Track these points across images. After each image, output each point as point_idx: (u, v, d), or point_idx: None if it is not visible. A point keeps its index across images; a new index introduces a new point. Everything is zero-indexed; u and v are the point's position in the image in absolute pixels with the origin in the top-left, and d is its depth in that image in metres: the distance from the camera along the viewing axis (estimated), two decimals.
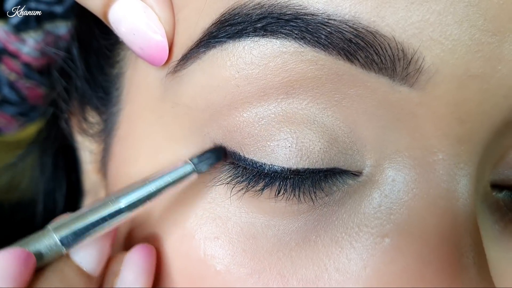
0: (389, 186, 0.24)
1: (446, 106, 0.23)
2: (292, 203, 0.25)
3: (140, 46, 0.26)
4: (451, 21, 0.22)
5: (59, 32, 0.41)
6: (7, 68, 0.41)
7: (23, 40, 0.39)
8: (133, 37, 0.26)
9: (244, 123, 0.25)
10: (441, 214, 0.23)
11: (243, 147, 0.25)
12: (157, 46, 0.26)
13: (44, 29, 0.39)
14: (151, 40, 0.26)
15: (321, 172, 0.25)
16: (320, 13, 0.22)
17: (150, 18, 0.26)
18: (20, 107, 0.45)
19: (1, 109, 0.44)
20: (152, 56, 0.26)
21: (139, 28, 0.26)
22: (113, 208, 0.24)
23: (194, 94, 0.26)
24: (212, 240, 0.26)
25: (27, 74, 0.42)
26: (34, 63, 0.41)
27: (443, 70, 0.22)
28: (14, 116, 0.46)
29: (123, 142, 0.31)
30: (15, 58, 0.41)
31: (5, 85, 0.42)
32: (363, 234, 0.24)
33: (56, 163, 0.42)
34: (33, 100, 0.45)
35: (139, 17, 0.26)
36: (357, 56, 0.22)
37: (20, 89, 0.43)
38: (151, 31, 0.26)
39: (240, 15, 0.23)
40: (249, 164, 0.25)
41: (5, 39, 0.39)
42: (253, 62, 0.24)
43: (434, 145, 0.24)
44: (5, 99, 0.43)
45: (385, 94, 0.23)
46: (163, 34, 0.26)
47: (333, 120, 0.24)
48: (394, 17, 0.22)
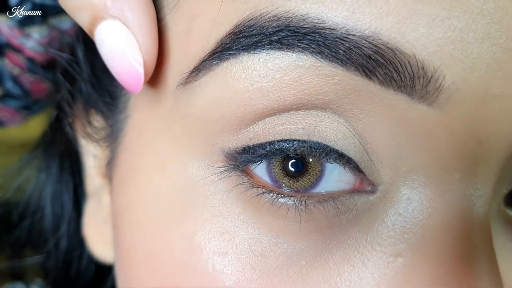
0: (403, 205, 0.24)
1: (464, 125, 0.23)
2: (303, 220, 0.24)
3: (117, 71, 0.26)
4: (472, 38, 0.21)
5: (63, 26, 0.40)
6: (10, 63, 0.41)
7: (27, 35, 0.38)
8: (112, 60, 0.26)
9: (255, 130, 0.25)
10: (456, 235, 0.23)
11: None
12: (133, 74, 0.25)
13: (49, 24, 0.39)
14: (127, 67, 0.25)
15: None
16: (338, 27, 0.22)
17: (130, 45, 0.25)
18: (23, 101, 0.44)
19: (4, 103, 0.44)
20: (127, 83, 0.26)
21: (117, 54, 0.25)
22: None
23: (206, 106, 0.25)
24: (220, 256, 0.25)
25: (31, 68, 0.41)
26: (38, 58, 0.40)
27: (463, 89, 0.22)
28: (18, 109, 0.45)
29: (130, 149, 0.30)
30: (19, 53, 0.40)
31: (9, 79, 0.42)
32: (376, 253, 0.24)
33: (61, 165, 0.42)
34: (37, 94, 0.44)
35: (119, 42, 0.25)
36: (376, 73, 0.22)
37: (24, 83, 0.42)
38: (128, 58, 0.25)
39: (255, 27, 0.23)
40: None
41: (9, 34, 0.38)
42: (268, 75, 0.23)
43: (450, 165, 0.23)
44: (8, 93, 0.43)
45: (403, 111, 0.23)
46: (141, 63, 0.25)
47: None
48: (415, 34, 0.21)
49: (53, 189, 0.43)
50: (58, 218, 0.43)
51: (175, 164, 0.27)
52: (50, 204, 0.43)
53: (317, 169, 0.25)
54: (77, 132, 0.37)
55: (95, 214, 0.36)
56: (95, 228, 0.36)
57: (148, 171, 0.28)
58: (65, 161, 0.42)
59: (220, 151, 0.26)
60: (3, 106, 0.44)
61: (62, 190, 0.43)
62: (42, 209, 0.43)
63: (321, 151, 0.24)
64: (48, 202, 0.42)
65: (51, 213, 0.43)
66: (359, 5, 0.22)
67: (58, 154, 0.42)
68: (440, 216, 0.23)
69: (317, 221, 0.24)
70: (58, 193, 0.43)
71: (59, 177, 0.42)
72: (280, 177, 0.25)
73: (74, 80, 0.36)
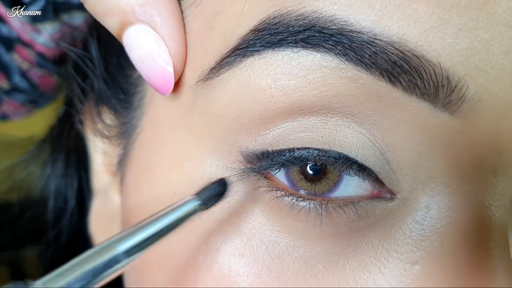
0: (422, 212, 0.24)
1: (485, 135, 0.23)
2: (323, 224, 0.25)
3: (147, 74, 0.26)
4: (497, 50, 0.22)
5: (75, 22, 0.40)
6: (19, 57, 0.40)
7: (39, 30, 0.38)
8: (142, 64, 0.26)
9: (275, 134, 0.24)
10: (474, 245, 0.23)
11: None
12: (164, 77, 0.26)
13: (61, 20, 0.38)
14: (158, 71, 0.26)
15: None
16: (366, 31, 0.22)
17: (160, 50, 0.25)
18: (30, 95, 0.44)
19: (11, 97, 0.43)
20: (158, 85, 0.26)
21: (148, 58, 0.26)
22: (109, 256, 0.21)
23: (226, 102, 0.25)
24: (237, 257, 0.25)
25: (40, 63, 0.41)
26: (48, 53, 0.40)
27: (486, 100, 0.22)
28: (23, 103, 0.45)
29: (146, 147, 0.30)
30: (29, 48, 0.40)
31: (17, 74, 0.41)
32: (393, 259, 0.24)
33: (67, 160, 0.41)
34: (44, 88, 0.44)
35: (150, 46, 0.25)
36: (400, 79, 0.22)
37: (32, 78, 0.42)
38: (159, 62, 0.26)
39: (280, 24, 0.23)
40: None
41: (20, 29, 0.38)
42: (291, 72, 0.23)
43: (470, 174, 0.23)
44: (15, 87, 0.42)
45: (425, 119, 0.23)
46: (171, 67, 0.26)
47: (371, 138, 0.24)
48: (441, 43, 0.21)
49: (58, 183, 0.42)
50: (61, 212, 0.43)
51: (192, 162, 0.27)
52: (53, 198, 0.42)
53: (336, 174, 0.25)
54: (86, 128, 0.37)
55: (102, 212, 0.36)
56: (102, 226, 0.36)
57: (164, 168, 0.28)
58: (71, 156, 0.42)
59: (239, 151, 0.26)
60: (9, 99, 0.44)
61: (66, 185, 0.42)
62: (45, 203, 0.43)
63: (343, 163, 0.24)
64: (51, 196, 0.42)
65: (53, 207, 0.42)
66: (387, 11, 0.22)
67: (64, 149, 0.42)
68: (458, 225, 0.23)
69: (337, 226, 0.25)
70: (62, 188, 0.42)
71: (64, 172, 0.42)
72: (298, 180, 0.25)
73: (86, 76, 0.36)
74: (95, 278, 0.20)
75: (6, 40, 0.39)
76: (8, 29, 0.38)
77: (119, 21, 0.26)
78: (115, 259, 0.21)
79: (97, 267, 0.21)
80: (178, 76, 0.26)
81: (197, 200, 0.24)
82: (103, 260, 0.21)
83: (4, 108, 0.44)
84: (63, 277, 0.20)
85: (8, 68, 0.41)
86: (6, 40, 0.39)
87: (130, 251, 0.21)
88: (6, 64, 0.41)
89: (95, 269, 0.20)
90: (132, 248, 0.21)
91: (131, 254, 0.21)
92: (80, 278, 0.20)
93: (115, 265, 0.21)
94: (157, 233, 0.22)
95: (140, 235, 0.22)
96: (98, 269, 0.21)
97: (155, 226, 0.22)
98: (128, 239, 0.21)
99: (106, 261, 0.21)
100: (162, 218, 0.22)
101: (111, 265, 0.21)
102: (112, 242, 0.21)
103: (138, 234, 0.22)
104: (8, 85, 0.42)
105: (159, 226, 0.22)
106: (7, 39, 0.39)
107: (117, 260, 0.21)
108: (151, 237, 0.22)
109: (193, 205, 0.23)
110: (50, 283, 0.20)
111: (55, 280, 0.20)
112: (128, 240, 0.21)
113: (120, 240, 0.21)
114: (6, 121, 0.46)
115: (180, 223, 0.23)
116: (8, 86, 0.42)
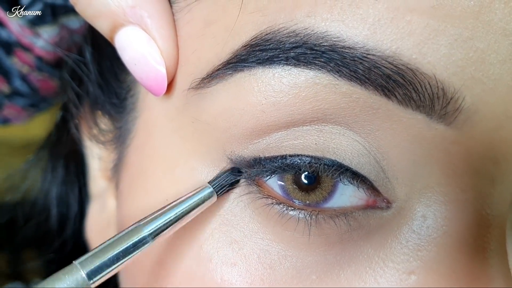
0: (418, 222, 0.24)
1: (482, 145, 0.22)
2: (311, 234, 0.24)
3: (140, 76, 0.26)
4: (494, 59, 0.21)
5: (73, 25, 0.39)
6: (19, 61, 0.40)
7: (37, 34, 0.38)
8: (134, 66, 0.26)
9: (268, 142, 0.24)
10: (471, 254, 0.23)
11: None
12: (157, 78, 0.26)
13: (59, 23, 0.38)
14: (151, 72, 0.26)
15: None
16: (358, 47, 0.21)
17: (152, 50, 0.25)
18: (31, 99, 0.44)
19: (12, 101, 0.43)
20: (151, 87, 0.26)
21: (140, 59, 0.26)
22: (137, 237, 0.24)
23: (216, 114, 0.25)
24: (229, 266, 0.25)
25: (39, 67, 0.41)
26: (47, 56, 0.40)
27: (482, 110, 0.22)
28: (24, 107, 0.45)
29: (139, 151, 0.30)
30: (28, 51, 0.40)
31: (17, 78, 0.41)
32: (389, 269, 0.24)
33: (67, 167, 0.41)
34: (44, 92, 0.44)
35: (142, 47, 0.26)
36: (395, 93, 0.22)
37: (32, 82, 0.42)
38: (151, 63, 0.26)
39: (272, 41, 0.23)
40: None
41: (19, 33, 0.38)
42: (283, 90, 0.23)
43: (466, 183, 0.23)
44: (16, 91, 0.42)
45: (421, 130, 0.22)
46: (164, 67, 0.26)
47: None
48: (436, 55, 0.21)
49: (59, 190, 0.42)
50: (64, 219, 0.43)
51: (183, 168, 0.27)
52: (56, 205, 0.42)
53: (330, 184, 0.25)
54: (82, 134, 0.37)
55: (99, 217, 0.36)
56: (99, 231, 0.36)
57: (156, 174, 0.28)
58: (71, 162, 0.42)
59: (230, 159, 0.25)
60: (10, 103, 0.44)
61: (67, 191, 0.42)
62: (48, 210, 0.43)
63: (335, 169, 0.24)
64: (54, 203, 0.42)
65: (57, 214, 0.42)
66: (380, 24, 0.21)
67: (63, 155, 0.42)
68: (455, 234, 0.23)
69: (327, 236, 0.24)
70: (63, 194, 0.42)
71: (65, 178, 0.42)
72: (292, 190, 0.25)
73: (81, 81, 0.36)
74: (125, 257, 0.24)
75: (5, 44, 0.39)
76: (7, 33, 0.38)
77: (110, 24, 0.26)
78: (143, 239, 0.24)
79: (128, 247, 0.24)
80: (171, 77, 0.26)
81: (209, 188, 0.26)
82: (133, 241, 0.24)
83: (6, 112, 0.44)
84: (97, 257, 0.23)
85: (9, 72, 0.41)
86: (6, 44, 0.39)
87: (154, 232, 0.25)
88: (7, 68, 0.41)
89: (125, 250, 0.24)
90: (155, 230, 0.25)
91: (155, 235, 0.25)
92: (113, 258, 0.24)
93: (143, 245, 0.24)
94: (175, 217, 0.25)
95: (162, 219, 0.25)
96: (129, 249, 0.24)
97: (174, 211, 0.25)
98: (152, 223, 0.25)
99: (135, 242, 0.24)
100: (179, 204, 0.25)
101: (139, 246, 0.24)
102: (139, 226, 0.25)
103: (160, 219, 0.25)
104: (9, 89, 0.42)
105: (177, 212, 0.25)
106: (6, 43, 0.39)
107: (145, 241, 0.24)
108: (171, 221, 0.25)
109: (206, 193, 0.26)
110: (86, 263, 0.23)
111: (90, 259, 0.23)
112: (152, 223, 0.25)
113: (146, 224, 0.25)
114: (7, 125, 0.46)
115: (194, 208, 0.25)
116: (9, 90, 0.42)
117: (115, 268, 0.24)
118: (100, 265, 0.23)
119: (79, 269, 0.23)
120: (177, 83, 0.27)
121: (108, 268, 0.23)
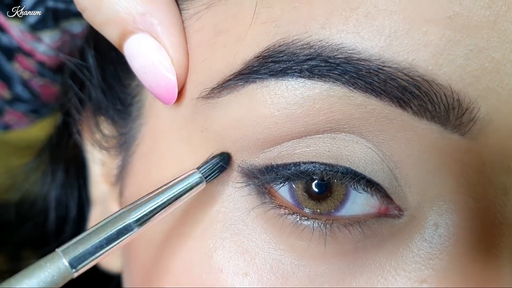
0: (430, 230, 0.23)
1: (495, 155, 0.22)
2: (327, 244, 0.24)
3: (150, 84, 0.26)
4: (509, 70, 0.21)
5: (75, 30, 0.39)
6: (20, 67, 0.40)
7: (39, 39, 0.38)
8: (144, 75, 0.26)
9: (280, 149, 0.24)
10: (484, 263, 0.23)
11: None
12: (167, 87, 0.26)
13: (61, 27, 0.38)
14: (161, 80, 0.25)
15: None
16: (374, 59, 0.21)
17: (162, 58, 0.25)
18: (32, 105, 0.44)
19: (13, 107, 0.43)
20: (161, 95, 0.26)
21: (151, 67, 0.25)
22: (122, 224, 0.23)
23: (227, 124, 0.25)
24: (241, 276, 0.25)
25: (41, 72, 0.41)
26: (49, 61, 0.40)
27: (497, 120, 0.22)
28: (25, 113, 0.44)
29: (146, 159, 0.30)
30: (30, 57, 0.39)
31: (18, 83, 0.41)
32: (400, 278, 0.23)
33: (67, 170, 0.41)
34: (46, 97, 0.43)
35: (152, 56, 0.25)
36: (411, 104, 0.22)
37: (33, 87, 0.42)
38: (162, 71, 0.25)
39: (285, 52, 0.22)
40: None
41: (21, 38, 0.37)
42: (297, 102, 0.23)
43: (479, 192, 0.23)
44: (17, 97, 0.42)
45: (435, 140, 0.22)
46: (174, 76, 0.25)
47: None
48: (452, 65, 0.21)
49: (58, 193, 0.42)
50: (62, 221, 0.43)
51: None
52: (54, 208, 0.42)
53: (342, 192, 0.25)
54: (84, 138, 0.37)
55: None
56: None
57: (164, 182, 0.27)
58: (71, 165, 0.41)
59: (241, 168, 0.25)
60: (12, 109, 0.43)
61: (67, 194, 0.42)
62: (46, 212, 0.43)
63: (350, 177, 0.23)
64: (52, 206, 0.42)
65: (55, 216, 0.42)
66: (396, 36, 0.21)
67: (63, 158, 0.41)
68: (467, 243, 0.23)
69: (342, 245, 0.24)
70: (63, 197, 0.42)
71: (65, 181, 0.42)
72: (303, 199, 0.25)
73: (84, 85, 0.35)
74: (109, 244, 0.23)
75: (7, 49, 0.39)
76: (8, 39, 0.38)
77: (119, 31, 0.25)
78: (128, 227, 0.23)
79: (111, 234, 0.23)
80: (181, 85, 0.26)
81: (198, 173, 0.25)
82: (118, 228, 0.23)
83: (7, 118, 0.43)
84: (80, 244, 0.22)
85: (10, 78, 0.40)
86: (7, 50, 0.39)
87: (140, 220, 0.24)
88: (8, 74, 0.40)
89: (109, 237, 0.23)
90: (141, 217, 0.24)
91: (142, 223, 0.24)
92: (96, 245, 0.23)
93: (128, 233, 0.23)
94: (162, 204, 0.24)
95: (148, 205, 0.24)
96: (113, 236, 0.23)
97: (161, 197, 0.24)
98: (138, 210, 0.24)
99: (119, 229, 0.23)
100: (167, 190, 0.24)
101: (124, 232, 0.23)
102: (124, 212, 0.24)
103: (146, 205, 0.24)
104: (10, 94, 0.42)
105: (164, 198, 0.24)
106: (8, 49, 0.39)
107: (130, 228, 0.23)
108: (158, 207, 0.24)
109: (194, 178, 0.25)
110: (68, 250, 0.22)
111: (73, 247, 0.22)
112: (138, 210, 0.24)
113: (132, 209, 0.24)
114: (8, 131, 0.45)
115: (182, 194, 0.25)
116: (10, 95, 0.42)
117: (99, 256, 0.23)
118: (83, 252, 0.22)
119: (61, 256, 0.22)
120: (186, 91, 0.26)
121: (92, 256, 0.23)
